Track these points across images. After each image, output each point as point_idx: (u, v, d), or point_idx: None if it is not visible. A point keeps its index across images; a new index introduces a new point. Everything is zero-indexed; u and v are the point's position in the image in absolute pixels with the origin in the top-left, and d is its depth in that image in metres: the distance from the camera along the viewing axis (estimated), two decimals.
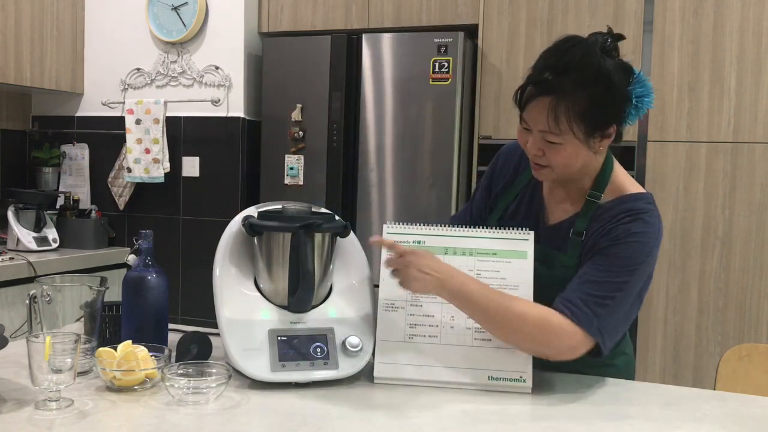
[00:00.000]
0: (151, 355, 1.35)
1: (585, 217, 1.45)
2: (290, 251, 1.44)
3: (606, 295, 1.35)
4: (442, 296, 1.39)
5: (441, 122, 3.04)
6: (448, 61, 3.00)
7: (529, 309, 1.37)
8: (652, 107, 1.41)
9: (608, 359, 1.51)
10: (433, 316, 1.44)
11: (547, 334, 1.35)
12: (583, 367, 1.48)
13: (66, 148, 3.70)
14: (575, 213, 1.48)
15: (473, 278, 1.40)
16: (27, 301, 1.42)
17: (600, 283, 1.36)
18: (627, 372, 1.56)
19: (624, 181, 1.48)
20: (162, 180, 3.43)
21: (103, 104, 3.60)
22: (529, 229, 1.50)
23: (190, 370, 1.33)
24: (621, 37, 1.38)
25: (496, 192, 1.64)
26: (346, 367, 1.41)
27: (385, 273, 1.47)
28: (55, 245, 3.29)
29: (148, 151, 3.43)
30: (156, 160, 3.42)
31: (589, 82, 1.33)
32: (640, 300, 1.43)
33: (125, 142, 3.49)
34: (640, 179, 2.82)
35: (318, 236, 1.45)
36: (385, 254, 1.43)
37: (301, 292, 1.42)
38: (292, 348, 1.40)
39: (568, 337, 1.35)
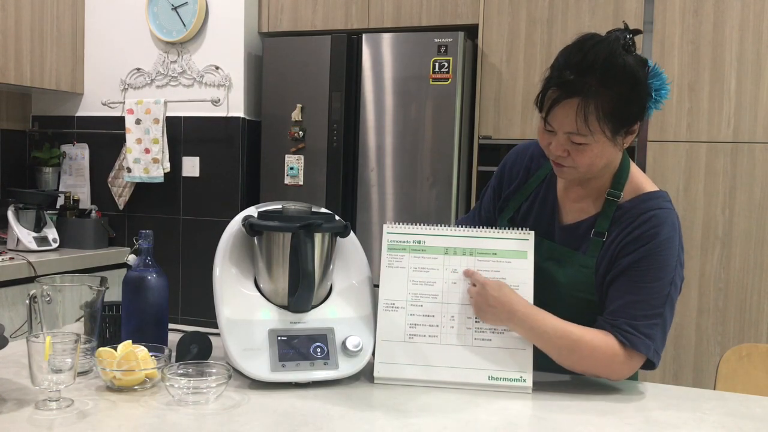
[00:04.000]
0: (151, 355, 1.35)
1: (606, 218, 1.45)
2: (290, 251, 1.44)
3: (653, 313, 1.37)
4: (510, 327, 1.41)
5: (441, 122, 3.04)
6: (448, 61, 3.00)
7: (598, 341, 1.38)
8: (668, 98, 1.41)
9: None
10: (433, 316, 1.44)
11: (616, 365, 1.38)
12: None
13: (66, 148, 3.70)
14: (596, 213, 1.47)
15: (537, 309, 1.41)
16: (27, 301, 1.42)
17: (645, 302, 1.37)
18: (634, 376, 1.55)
19: (641, 178, 1.48)
20: (161, 180, 3.43)
21: (103, 104, 3.60)
22: (543, 229, 1.51)
23: (190, 370, 1.33)
24: (638, 31, 1.38)
25: (507, 193, 1.63)
26: (346, 367, 1.41)
27: (385, 273, 1.47)
28: (55, 245, 3.29)
29: (147, 151, 3.43)
30: (156, 160, 3.42)
31: (615, 80, 1.32)
32: (679, 294, 1.45)
33: (125, 142, 3.49)
34: None
35: (318, 236, 1.45)
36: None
37: (301, 292, 1.42)
38: (292, 348, 1.40)
39: (632, 365, 1.38)
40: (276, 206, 1.54)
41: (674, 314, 1.43)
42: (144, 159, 3.44)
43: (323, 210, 1.55)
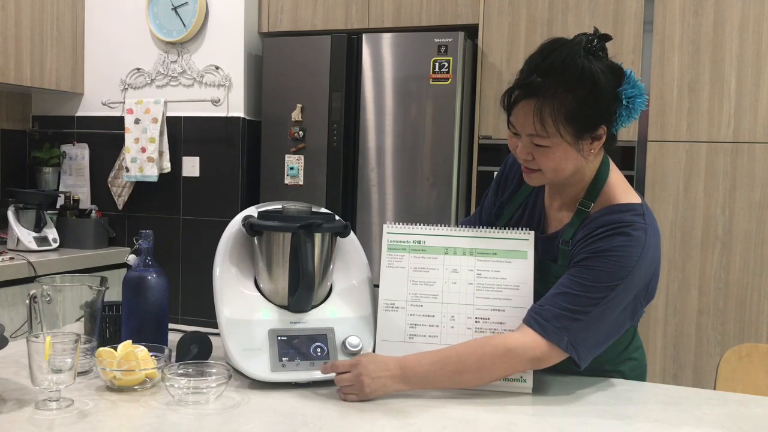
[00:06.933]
0: (151, 355, 1.35)
1: (573, 226, 1.44)
2: (290, 251, 1.44)
3: (580, 309, 1.33)
4: (403, 390, 1.35)
5: (441, 122, 3.04)
6: (448, 61, 3.00)
7: (486, 346, 1.35)
8: (644, 108, 1.40)
9: (613, 366, 1.50)
10: (433, 316, 1.44)
11: (512, 357, 1.34)
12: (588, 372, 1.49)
13: (66, 148, 3.70)
14: (568, 222, 1.47)
15: (418, 355, 1.37)
16: (27, 301, 1.42)
17: (576, 297, 1.34)
18: (635, 378, 1.55)
19: (616, 190, 1.43)
20: (155, 179, 3.42)
21: (103, 104, 3.60)
22: None
23: (190, 370, 1.34)
24: (607, 37, 1.37)
25: (502, 200, 1.63)
26: None
27: (385, 273, 1.47)
28: (55, 245, 3.29)
29: (144, 150, 3.43)
30: (150, 159, 3.42)
31: (573, 82, 1.32)
32: (634, 312, 1.40)
33: (125, 142, 3.49)
34: (640, 179, 2.82)
35: (318, 236, 1.45)
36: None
37: (301, 292, 1.42)
38: (292, 348, 1.40)
39: (532, 349, 1.34)
40: (276, 206, 1.54)
41: (619, 323, 1.37)
42: (140, 158, 3.44)
43: (323, 210, 1.55)
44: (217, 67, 3.43)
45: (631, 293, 1.36)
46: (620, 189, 1.44)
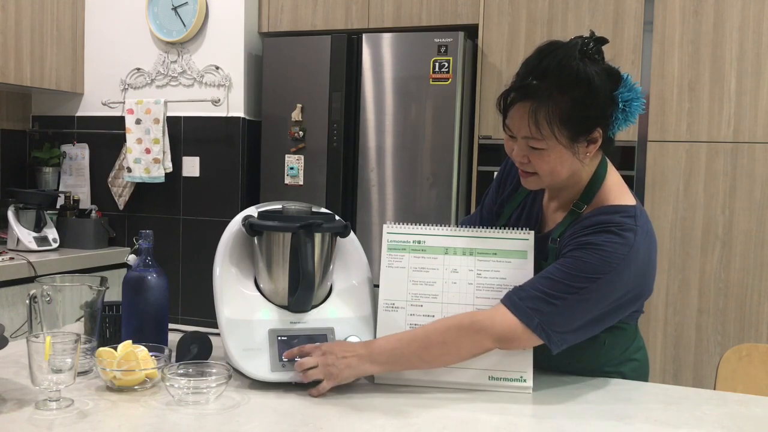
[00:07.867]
0: (151, 355, 1.35)
1: (563, 225, 1.44)
2: (290, 251, 1.44)
3: (557, 295, 1.33)
4: (372, 371, 1.37)
5: (441, 122, 3.04)
6: (448, 61, 3.00)
7: (453, 319, 1.37)
8: (641, 112, 1.39)
9: (614, 367, 1.50)
10: (433, 316, 1.44)
11: (478, 330, 1.35)
12: (588, 372, 1.49)
13: (66, 148, 3.70)
14: (560, 222, 1.47)
15: (388, 335, 1.40)
16: (27, 301, 1.42)
17: (555, 282, 1.34)
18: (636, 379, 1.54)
19: (611, 193, 1.43)
20: (162, 180, 3.43)
21: (103, 104, 3.61)
22: None
23: (190, 370, 1.34)
24: (603, 40, 1.37)
25: (502, 198, 1.63)
26: None
27: (385, 273, 1.47)
28: (55, 245, 3.29)
29: (148, 151, 3.43)
30: (156, 160, 3.42)
31: (568, 85, 1.32)
32: (619, 312, 1.39)
33: (125, 142, 3.49)
34: (640, 179, 2.82)
35: (318, 236, 1.45)
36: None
37: (301, 292, 1.42)
38: (292, 348, 1.40)
39: (500, 325, 1.34)
40: (276, 206, 1.54)
41: (599, 319, 1.36)
42: (145, 159, 3.44)
43: (323, 210, 1.55)
44: (217, 67, 3.43)
45: (615, 291, 1.35)
46: (615, 192, 1.43)
